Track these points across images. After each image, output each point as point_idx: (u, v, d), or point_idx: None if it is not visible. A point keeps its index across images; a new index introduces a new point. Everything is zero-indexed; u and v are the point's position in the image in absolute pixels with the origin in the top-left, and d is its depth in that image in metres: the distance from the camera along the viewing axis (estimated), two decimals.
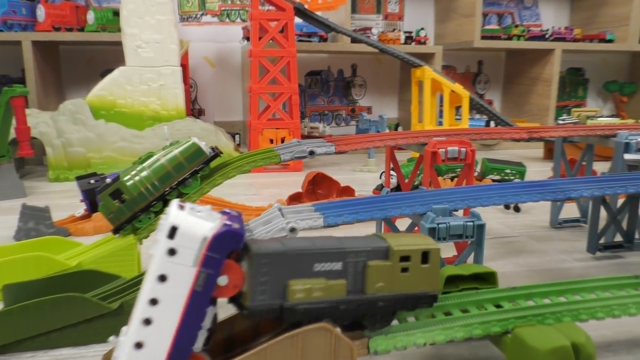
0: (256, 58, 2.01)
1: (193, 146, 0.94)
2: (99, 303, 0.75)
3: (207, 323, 0.49)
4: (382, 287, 0.53)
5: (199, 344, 0.48)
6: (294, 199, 1.46)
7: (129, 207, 0.92)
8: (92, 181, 1.35)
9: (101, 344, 0.76)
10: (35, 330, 0.75)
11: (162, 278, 0.47)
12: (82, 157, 1.91)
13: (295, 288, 0.49)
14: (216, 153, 0.95)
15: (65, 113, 1.90)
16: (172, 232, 0.46)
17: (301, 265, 0.50)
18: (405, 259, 0.53)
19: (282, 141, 2.04)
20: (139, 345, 0.47)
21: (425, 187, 0.92)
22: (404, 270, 0.53)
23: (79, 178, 1.37)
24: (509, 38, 2.74)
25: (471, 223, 0.76)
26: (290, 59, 2.02)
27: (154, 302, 0.47)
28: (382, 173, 1.51)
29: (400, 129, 2.69)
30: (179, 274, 0.47)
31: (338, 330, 0.52)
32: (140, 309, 0.47)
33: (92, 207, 1.34)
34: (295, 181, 1.78)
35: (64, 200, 1.63)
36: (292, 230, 0.72)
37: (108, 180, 1.34)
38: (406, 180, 1.24)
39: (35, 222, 1.22)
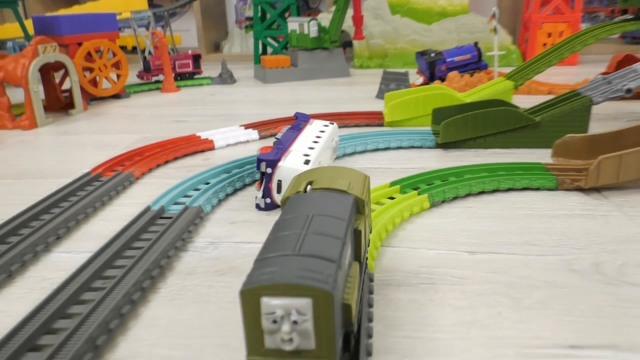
0: None
1: None
2: (527, 116, 1.03)
3: None
4: None
5: None
6: None
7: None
8: (432, 55, 1.65)
9: (522, 149, 1.04)
10: (477, 133, 1.05)
11: None
12: (380, 48, 2.25)
13: None
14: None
15: (368, 9, 2.23)
16: None
17: None
18: None
19: (560, 35, 2.13)
20: None
21: None
22: None
23: (419, 53, 1.68)
24: None
25: None
26: None
27: None
28: None
29: None
30: None
31: None
32: None
33: (432, 77, 1.65)
34: (589, 71, 1.90)
35: (367, 79, 1.98)
36: (629, 90, 0.94)
37: (445, 55, 1.62)
38: None
39: (396, 83, 1.56)
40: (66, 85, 1.61)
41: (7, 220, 0.73)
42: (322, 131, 0.87)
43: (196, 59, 1.98)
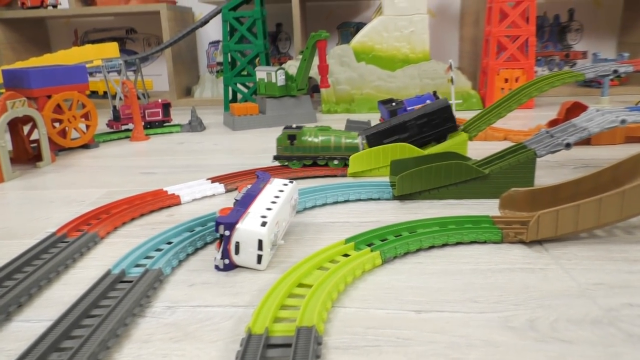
0: (498, 3, 2.22)
1: (355, 144, 1.32)
2: (477, 169, 1.09)
3: None
4: None
5: None
6: (553, 124, 1.69)
7: (292, 150, 1.33)
8: (393, 104, 1.72)
9: (472, 199, 1.10)
10: (430, 185, 1.11)
11: None
12: (347, 93, 2.33)
13: None
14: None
15: (334, 57, 2.31)
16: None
17: None
18: None
19: (516, 80, 2.24)
20: None
21: None
22: None
23: (381, 102, 1.75)
24: None
25: None
26: (530, 3, 2.20)
27: None
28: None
29: None
30: None
31: None
32: None
33: None
34: (543, 116, 2.00)
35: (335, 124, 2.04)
36: (568, 145, 1.02)
37: (405, 103, 1.69)
38: None
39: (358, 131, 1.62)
40: (35, 136, 1.62)
41: None
42: (281, 190, 0.91)
43: (166, 107, 2.03)
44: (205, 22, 2.45)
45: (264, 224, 0.80)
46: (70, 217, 1.05)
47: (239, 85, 2.40)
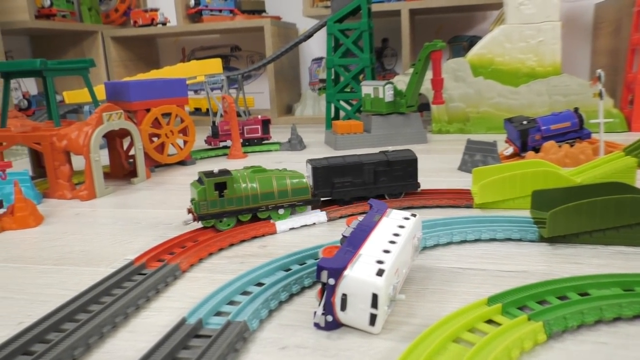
0: None
1: (304, 184, 1.03)
2: None
3: None
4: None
5: None
6: None
7: (222, 204, 0.96)
8: (524, 122, 1.46)
9: None
10: (593, 226, 0.84)
11: None
12: (461, 111, 2.08)
13: None
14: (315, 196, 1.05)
15: (448, 71, 2.08)
16: None
17: None
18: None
19: None
20: None
21: None
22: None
23: (508, 120, 1.49)
24: None
25: None
26: None
27: None
28: None
29: None
30: None
31: None
32: None
33: (523, 147, 1.45)
34: None
35: (447, 146, 1.79)
36: None
37: (539, 122, 1.42)
38: None
39: (482, 155, 1.37)
40: (133, 151, 1.56)
41: (24, 329, 0.61)
42: (402, 226, 0.71)
43: (265, 124, 1.91)
44: (309, 35, 2.34)
45: (380, 272, 0.60)
46: (154, 242, 0.93)
47: (342, 103, 2.24)
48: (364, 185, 1.10)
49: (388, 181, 1.11)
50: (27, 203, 1.11)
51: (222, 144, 1.88)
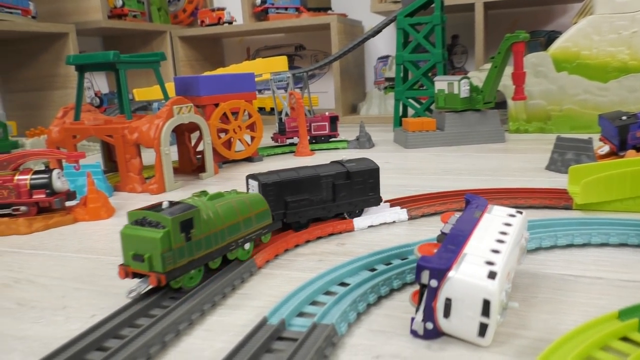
0: None
1: (263, 204, 0.79)
2: None
3: None
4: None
5: None
6: None
7: (190, 251, 0.65)
8: (623, 117, 1.32)
9: None
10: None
11: None
12: (541, 109, 1.94)
13: None
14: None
15: (528, 66, 1.94)
16: None
17: None
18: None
19: None
20: None
21: None
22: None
23: (603, 116, 1.36)
24: None
25: None
26: None
27: None
28: None
29: None
30: None
31: None
32: None
33: (622, 145, 1.31)
34: None
35: (527, 145, 1.66)
36: None
37: None
38: None
39: (575, 153, 1.25)
40: (201, 147, 1.54)
41: (97, 323, 0.57)
42: (508, 224, 0.62)
43: (333, 120, 1.85)
44: (378, 31, 2.26)
45: (492, 274, 0.51)
46: None
47: (410, 101, 2.14)
48: (322, 204, 0.90)
49: (348, 197, 0.92)
50: (100, 195, 1.10)
51: (288, 141, 1.84)
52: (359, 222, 0.92)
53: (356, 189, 0.93)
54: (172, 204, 0.67)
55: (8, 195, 1.03)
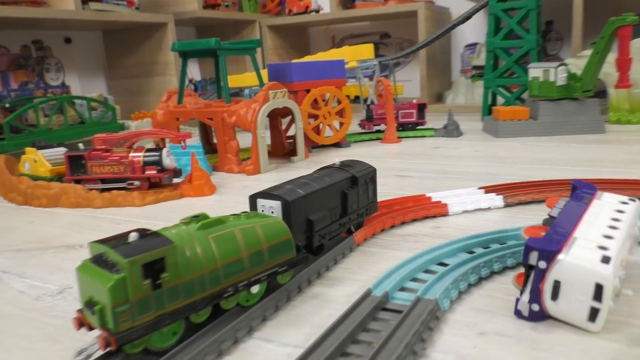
0: None
1: (283, 231, 0.60)
2: None
3: None
4: None
5: None
6: None
7: (158, 303, 0.48)
8: None
9: None
10: None
11: None
12: None
13: None
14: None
15: (633, 52, 1.82)
16: None
17: None
18: None
19: None
20: None
21: None
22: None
23: None
24: None
25: None
26: None
27: None
28: None
29: None
30: None
31: None
32: None
33: None
34: None
35: (630, 136, 1.57)
36: None
37: None
38: None
39: None
40: (291, 132, 1.60)
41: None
42: (621, 211, 0.60)
43: (421, 108, 1.84)
44: (467, 17, 2.21)
45: (606, 259, 0.51)
46: None
47: (500, 89, 2.08)
48: (340, 218, 0.75)
49: (356, 206, 0.78)
50: (203, 173, 1.18)
51: (375, 128, 1.85)
52: (453, 206, 0.92)
53: (362, 196, 0.80)
54: (142, 235, 0.49)
55: (124, 170, 1.13)
